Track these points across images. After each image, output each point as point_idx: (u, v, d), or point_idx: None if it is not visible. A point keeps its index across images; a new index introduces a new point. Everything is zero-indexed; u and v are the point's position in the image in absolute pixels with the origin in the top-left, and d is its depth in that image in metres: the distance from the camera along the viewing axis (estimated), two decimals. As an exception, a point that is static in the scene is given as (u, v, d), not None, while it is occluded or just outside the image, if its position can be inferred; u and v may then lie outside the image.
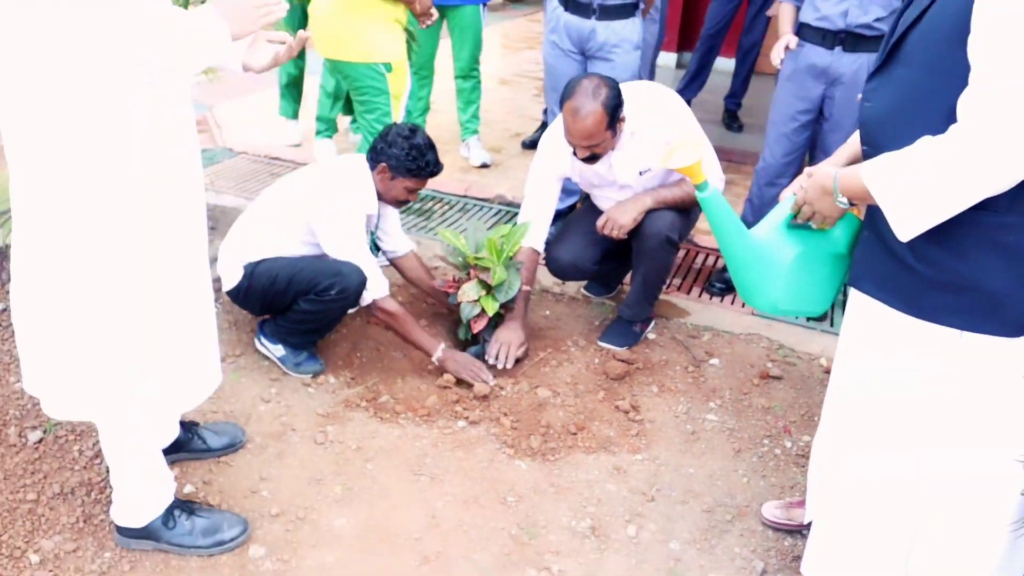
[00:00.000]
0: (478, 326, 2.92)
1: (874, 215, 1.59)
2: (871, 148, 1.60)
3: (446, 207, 4.25)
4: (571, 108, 2.64)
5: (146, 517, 2.05)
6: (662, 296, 3.41)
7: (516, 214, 4.11)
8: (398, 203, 2.93)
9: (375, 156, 2.82)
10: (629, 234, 2.88)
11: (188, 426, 2.37)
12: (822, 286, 1.94)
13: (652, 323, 3.19)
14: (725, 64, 5.72)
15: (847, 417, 1.75)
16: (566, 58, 3.72)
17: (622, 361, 2.94)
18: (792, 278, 1.94)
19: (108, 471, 2.11)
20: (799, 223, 1.85)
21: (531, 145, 4.95)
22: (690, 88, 5.54)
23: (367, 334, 3.01)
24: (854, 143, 1.84)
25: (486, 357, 2.89)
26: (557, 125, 2.90)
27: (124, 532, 2.07)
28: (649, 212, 2.83)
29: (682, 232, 2.92)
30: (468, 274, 2.98)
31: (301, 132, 4.93)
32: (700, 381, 2.89)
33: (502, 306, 2.93)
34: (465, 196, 4.42)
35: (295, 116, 4.93)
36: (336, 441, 2.49)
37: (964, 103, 1.35)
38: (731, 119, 5.51)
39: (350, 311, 2.97)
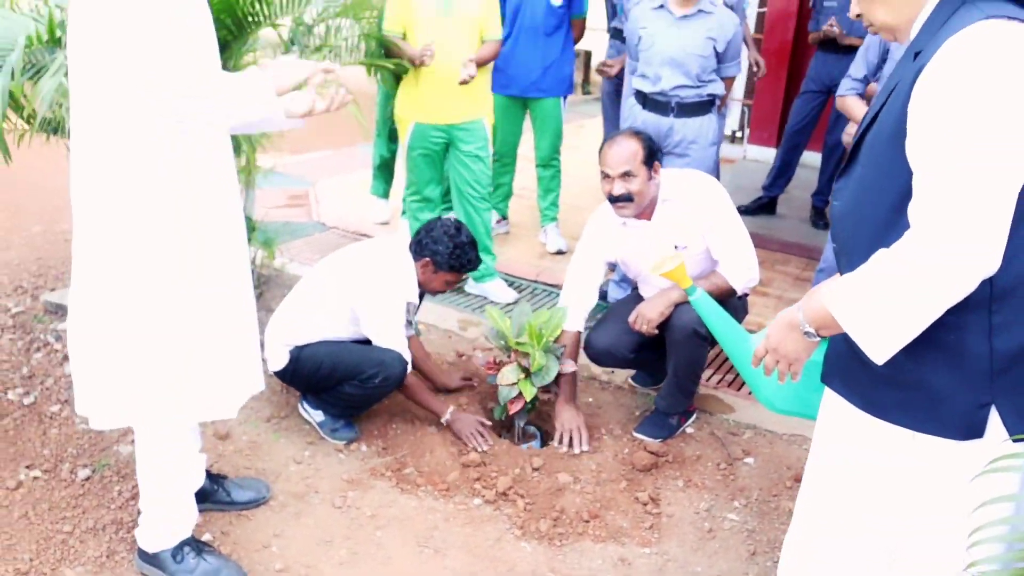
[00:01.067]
0: (514, 408, 2.97)
1: None
2: (837, 244, 1.62)
3: (515, 290, 4.36)
4: (609, 141, 2.88)
5: (161, 544, 2.19)
6: (709, 391, 3.38)
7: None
8: (435, 293, 3.07)
9: (419, 249, 2.96)
10: (660, 328, 2.89)
11: (215, 478, 2.51)
12: (818, 391, 1.92)
13: (693, 417, 3.16)
14: (815, 159, 5.68)
15: (817, 508, 1.71)
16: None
17: (651, 453, 2.92)
18: (785, 381, 1.94)
19: (140, 512, 2.27)
20: None
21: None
22: (776, 184, 5.52)
23: (405, 407, 3.11)
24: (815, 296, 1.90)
25: (556, 445, 2.93)
26: (602, 209, 3.00)
27: (140, 555, 2.22)
28: (679, 305, 2.84)
29: None
30: (509, 356, 3.06)
31: (390, 210, 5.19)
32: (730, 479, 2.83)
33: (540, 390, 2.98)
34: (536, 281, 4.53)
35: (385, 195, 5.21)
36: (354, 506, 2.58)
37: (912, 212, 1.35)
38: (817, 216, 5.44)
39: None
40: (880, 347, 1.39)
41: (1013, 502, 1.43)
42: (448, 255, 2.91)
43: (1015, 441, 1.41)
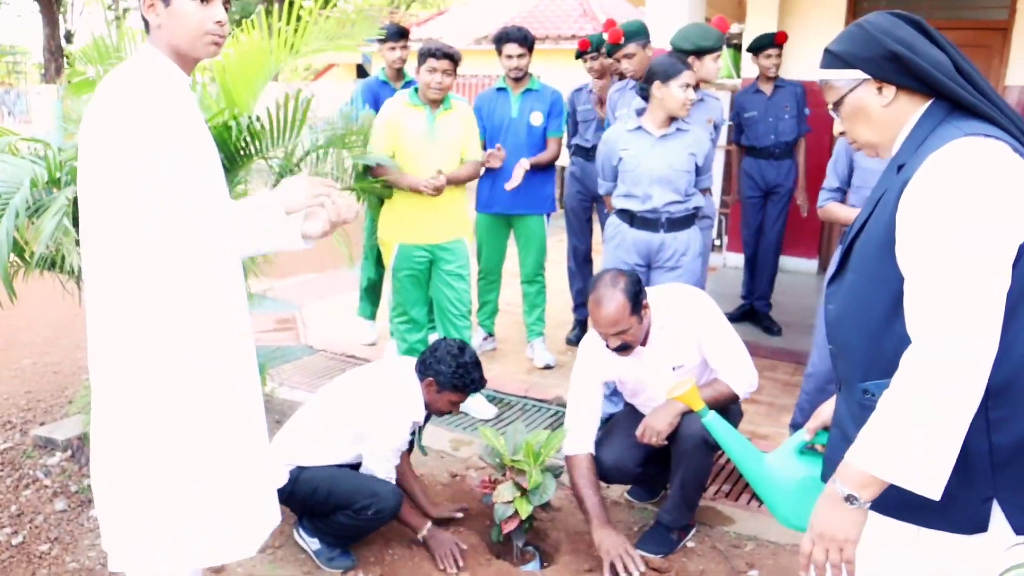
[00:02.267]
0: (509, 527, 2.93)
1: (838, 411, 1.65)
2: (834, 347, 1.68)
3: (505, 407, 4.36)
4: (595, 300, 2.83)
5: None
6: (707, 503, 3.36)
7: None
8: (440, 413, 3.08)
9: (424, 369, 2.99)
10: (668, 439, 2.91)
11: (211, 614, 2.44)
12: None
13: (693, 530, 3.13)
14: (787, 263, 5.84)
15: None
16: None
17: (655, 570, 2.88)
18: (800, 498, 1.99)
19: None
20: (810, 449, 1.92)
21: (575, 341, 5.16)
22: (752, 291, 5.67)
23: (403, 532, 3.06)
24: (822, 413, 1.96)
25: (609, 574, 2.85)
26: (593, 335, 3.04)
27: None
28: (686, 415, 2.87)
29: None
30: (504, 475, 3.04)
31: (376, 332, 5.24)
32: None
33: (537, 509, 2.96)
34: (525, 397, 4.54)
35: (372, 317, 5.26)
36: (353, 638, 2.51)
37: (909, 323, 1.44)
38: (768, 322, 5.55)
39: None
40: (933, 483, 1.39)
41: None
42: (451, 375, 2.93)
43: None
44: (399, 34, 4.83)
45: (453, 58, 3.93)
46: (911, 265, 1.44)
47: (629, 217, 3.80)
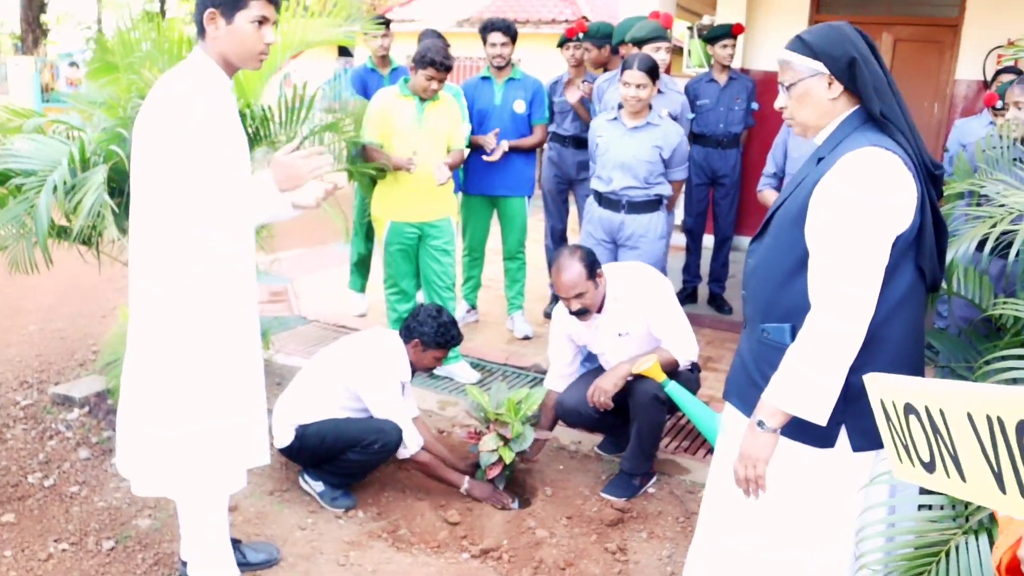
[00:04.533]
0: (492, 473, 3.32)
1: (740, 345, 2.12)
2: (746, 292, 2.13)
3: (487, 374, 4.73)
4: (556, 268, 3.30)
5: None
6: (667, 456, 3.76)
7: (548, 380, 4.59)
8: (427, 370, 3.47)
9: (408, 333, 3.38)
10: (626, 396, 3.30)
11: (232, 542, 2.80)
12: None
13: (654, 478, 3.53)
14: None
15: (715, 509, 2.20)
16: (599, 246, 4.26)
17: (618, 510, 3.28)
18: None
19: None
20: None
21: (552, 314, 5.53)
22: (693, 274, 6.04)
23: (396, 477, 3.44)
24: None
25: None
26: (562, 306, 3.46)
27: None
28: (639, 378, 3.25)
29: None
30: (488, 427, 3.42)
31: (366, 304, 5.59)
32: (688, 530, 3.18)
33: (517, 455, 3.34)
34: (505, 364, 4.92)
35: (362, 290, 5.61)
36: (356, 564, 2.89)
37: (811, 290, 1.87)
38: (719, 302, 5.93)
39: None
40: (820, 414, 1.84)
41: (886, 507, 1.90)
42: (434, 334, 3.32)
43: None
44: (382, 22, 5.14)
45: (450, 68, 4.27)
46: (816, 242, 1.86)
47: (597, 196, 4.21)
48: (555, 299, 5.68)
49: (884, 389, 1.34)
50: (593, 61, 5.25)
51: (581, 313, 3.32)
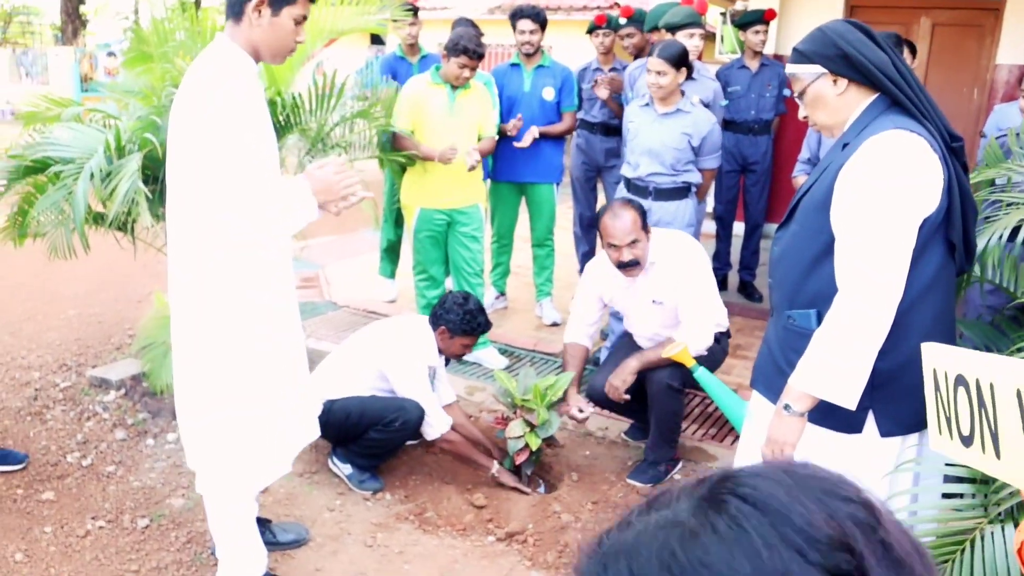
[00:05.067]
0: (520, 458, 3.34)
1: (767, 332, 2.11)
2: (772, 280, 2.12)
3: (515, 360, 4.76)
4: (611, 215, 3.26)
5: None
6: (695, 443, 3.76)
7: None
8: (456, 357, 3.49)
9: (436, 320, 3.42)
10: (641, 388, 3.32)
11: (262, 522, 2.85)
12: None
13: (680, 464, 3.54)
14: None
15: None
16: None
17: (643, 496, 3.28)
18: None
19: (196, 554, 2.63)
20: None
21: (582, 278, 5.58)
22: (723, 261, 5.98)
23: (423, 461, 3.48)
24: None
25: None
26: (597, 259, 3.45)
27: None
28: (654, 369, 3.28)
29: (684, 379, 3.30)
30: (515, 413, 3.44)
31: (396, 290, 5.63)
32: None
33: (544, 441, 3.36)
34: (534, 351, 4.93)
35: (392, 276, 5.65)
36: (383, 545, 2.93)
37: (838, 273, 1.85)
38: (748, 289, 5.86)
39: (412, 442, 3.49)
40: (849, 398, 1.82)
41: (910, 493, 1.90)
42: (460, 321, 3.35)
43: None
44: (410, 10, 5.16)
45: (483, 56, 4.28)
46: (842, 226, 1.85)
47: (627, 183, 4.20)
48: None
49: (939, 359, 1.35)
50: (635, 46, 5.20)
51: (631, 265, 3.28)
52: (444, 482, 3.35)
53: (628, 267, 3.29)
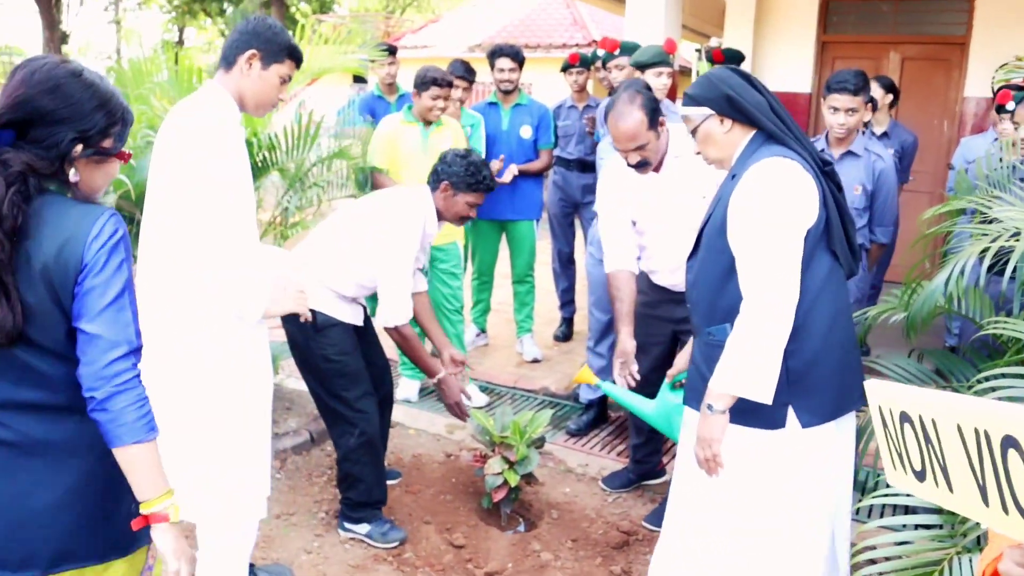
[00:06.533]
0: (498, 496, 3.32)
1: (693, 353, 2.34)
2: (690, 303, 2.35)
3: (496, 396, 4.75)
4: (614, 116, 2.94)
5: None
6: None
7: (559, 405, 4.60)
8: (460, 219, 3.28)
9: (436, 177, 3.20)
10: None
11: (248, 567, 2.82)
12: None
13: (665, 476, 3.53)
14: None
15: (681, 500, 2.39)
16: (601, 266, 4.26)
17: (623, 532, 3.27)
18: (677, 417, 2.63)
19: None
20: (677, 387, 2.68)
21: (562, 338, 5.66)
22: None
23: (402, 501, 3.46)
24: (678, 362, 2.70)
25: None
26: (612, 163, 3.25)
27: None
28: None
29: None
30: (494, 451, 3.43)
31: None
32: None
33: (522, 478, 3.35)
34: (514, 388, 4.93)
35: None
36: (361, 588, 2.90)
37: (742, 286, 2.09)
38: None
39: (391, 482, 3.46)
40: (763, 392, 2.05)
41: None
42: (464, 173, 3.16)
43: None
44: (388, 50, 5.23)
45: (451, 84, 4.33)
46: (738, 245, 2.11)
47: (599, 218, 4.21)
48: (565, 323, 5.71)
49: (883, 396, 1.36)
50: (625, 77, 5.19)
51: (640, 166, 2.99)
52: (423, 522, 3.32)
53: (636, 167, 3.02)
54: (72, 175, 1.60)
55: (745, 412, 2.13)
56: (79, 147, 1.59)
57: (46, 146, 1.55)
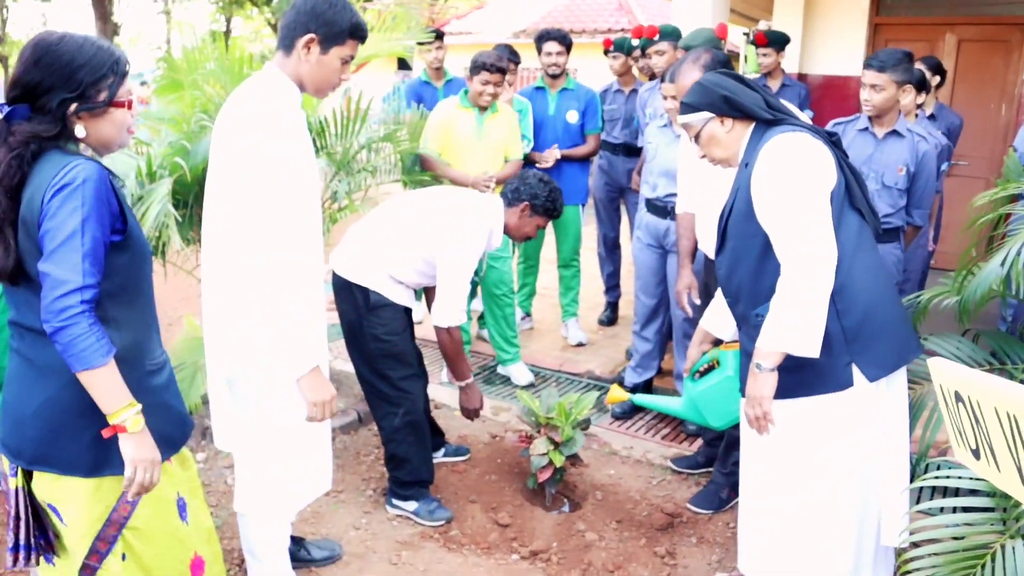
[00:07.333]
0: (543, 476, 3.35)
1: (742, 343, 2.37)
2: (728, 297, 2.40)
3: (541, 380, 4.78)
4: (677, 72, 3.11)
5: None
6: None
7: (603, 389, 4.60)
8: (525, 238, 3.38)
9: (517, 196, 3.28)
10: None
11: (296, 540, 2.89)
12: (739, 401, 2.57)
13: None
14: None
15: (756, 483, 2.45)
16: (648, 250, 4.26)
17: (667, 514, 3.28)
18: (705, 404, 2.72)
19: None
20: (697, 377, 2.75)
21: (606, 322, 5.69)
22: None
23: (448, 480, 3.51)
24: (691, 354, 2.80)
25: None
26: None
27: None
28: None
29: None
30: (539, 432, 3.46)
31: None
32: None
33: (567, 458, 3.37)
34: (559, 371, 4.95)
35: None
36: (408, 563, 2.95)
37: (780, 256, 2.16)
38: None
39: (439, 459, 3.52)
40: (810, 348, 2.09)
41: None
42: (546, 198, 3.26)
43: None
44: (435, 35, 5.25)
45: (504, 70, 4.34)
46: (769, 220, 2.15)
47: (647, 203, 4.20)
48: (610, 307, 5.71)
49: (943, 375, 1.37)
50: (667, 63, 5.18)
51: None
52: (469, 501, 3.36)
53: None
54: (79, 131, 1.79)
55: (813, 382, 2.20)
56: (73, 106, 1.76)
57: (46, 112, 1.75)
